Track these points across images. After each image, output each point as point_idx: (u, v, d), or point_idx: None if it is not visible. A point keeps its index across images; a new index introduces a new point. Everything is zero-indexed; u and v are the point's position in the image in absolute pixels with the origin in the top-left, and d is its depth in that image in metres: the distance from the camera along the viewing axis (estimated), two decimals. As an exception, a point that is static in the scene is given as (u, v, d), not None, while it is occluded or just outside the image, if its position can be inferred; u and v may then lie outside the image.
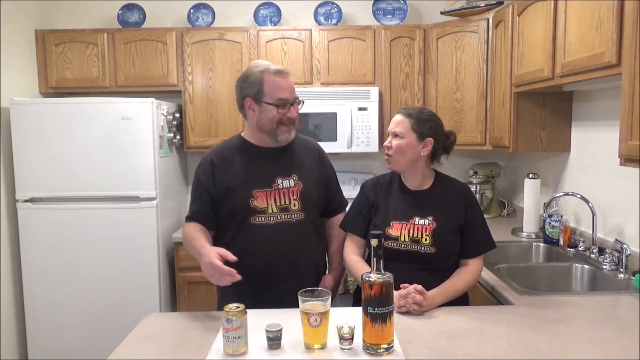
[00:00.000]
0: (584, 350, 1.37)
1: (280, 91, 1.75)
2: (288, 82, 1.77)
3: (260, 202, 1.77)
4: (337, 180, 2.02)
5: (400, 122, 1.76)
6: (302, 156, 1.89)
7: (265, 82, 1.74)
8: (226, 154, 1.84)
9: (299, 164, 1.86)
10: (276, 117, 1.75)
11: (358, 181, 3.41)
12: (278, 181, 1.79)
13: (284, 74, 1.77)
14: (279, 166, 1.82)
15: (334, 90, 3.18)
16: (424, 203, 1.78)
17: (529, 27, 2.40)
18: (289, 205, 1.79)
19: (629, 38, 1.59)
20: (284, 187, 1.79)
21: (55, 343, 2.92)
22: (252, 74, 1.76)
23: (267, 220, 1.77)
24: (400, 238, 1.74)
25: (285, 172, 1.82)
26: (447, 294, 1.68)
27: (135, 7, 3.40)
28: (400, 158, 1.76)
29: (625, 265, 2.03)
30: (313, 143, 1.98)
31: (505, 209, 3.40)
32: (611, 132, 2.25)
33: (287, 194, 1.79)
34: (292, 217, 1.80)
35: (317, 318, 1.36)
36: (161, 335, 1.53)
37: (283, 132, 1.78)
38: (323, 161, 1.95)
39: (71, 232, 2.87)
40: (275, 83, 1.74)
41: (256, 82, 1.75)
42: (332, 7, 3.41)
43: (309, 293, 1.42)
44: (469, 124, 3.10)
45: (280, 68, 1.77)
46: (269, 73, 1.75)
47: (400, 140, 1.75)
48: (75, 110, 2.84)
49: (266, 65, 1.77)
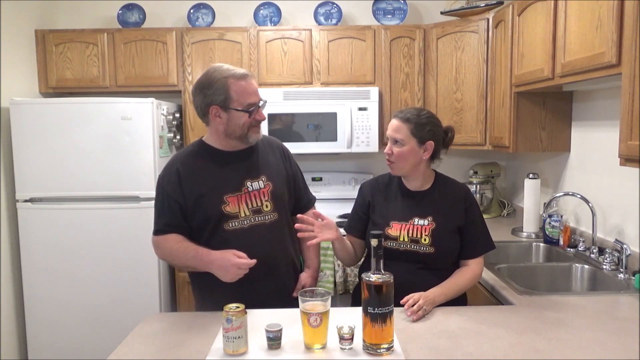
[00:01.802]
0: (583, 350, 1.37)
1: (248, 96, 1.71)
2: (253, 85, 1.74)
3: (232, 207, 1.74)
4: (304, 177, 2.00)
5: (399, 128, 1.74)
6: (268, 156, 1.87)
7: (231, 89, 1.69)
8: (191, 162, 1.78)
9: (266, 164, 1.84)
10: (247, 123, 1.73)
11: (358, 181, 3.41)
12: (247, 184, 1.77)
13: (248, 78, 1.73)
14: (246, 169, 1.79)
15: (334, 90, 3.18)
16: (424, 203, 1.78)
17: (529, 27, 2.40)
18: (262, 207, 1.77)
19: (629, 38, 1.59)
20: (253, 189, 1.77)
21: (55, 343, 2.92)
22: (215, 80, 1.70)
23: (241, 225, 1.75)
24: (400, 238, 1.74)
25: (254, 174, 1.79)
26: (447, 292, 1.68)
27: (135, 7, 3.40)
28: (403, 164, 1.75)
29: (625, 265, 2.03)
30: (276, 142, 1.96)
31: (505, 209, 3.40)
32: (611, 132, 2.25)
33: (257, 196, 1.77)
34: (265, 219, 1.78)
35: (317, 318, 1.36)
36: (161, 335, 1.53)
37: (253, 133, 1.77)
38: (288, 159, 1.93)
39: (71, 232, 2.87)
40: (242, 88, 1.71)
41: (221, 88, 1.69)
42: (332, 7, 3.41)
43: (309, 293, 1.42)
44: (469, 124, 3.10)
45: (243, 72, 1.73)
46: (233, 79, 1.70)
47: (401, 147, 1.73)
48: (75, 110, 2.84)
49: (229, 70, 1.71)
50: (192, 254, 1.70)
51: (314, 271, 1.94)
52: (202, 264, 1.68)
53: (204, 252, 1.68)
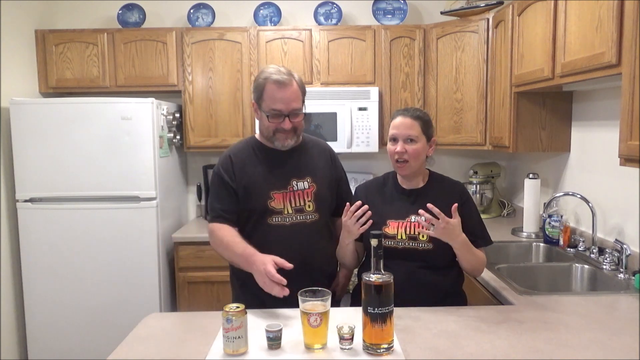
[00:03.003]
0: (583, 350, 1.37)
1: (274, 102, 1.74)
2: (286, 92, 1.74)
3: (277, 203, 1.80)
4: (348, 181, 2.07)
5: (412, 125, 1.75)
6: (315, 158, 1.92)
7: (265, 90, 1.75)
8: (243, 153, 1.86)
9: (312, 166, 1.89)
10: (270, 127, 1.78)
11: (358, 181, 3.41)
12: (293, 183, 1.82)
13: (282, 84, 1.73)
14: (293, 168, 1.85)
15: (334, 90, 3.18)
16: (420, 201, 1.78)
17: (529, 27, 2.40)
18: (304, 207, 1.82)
19: (629, 38, 1.59)
20: (298, 188, 1.82)
21: (55, 343, 2.92)
22: (258, 78, 1.79)
23: (284, 221, 1.80)
24: (398, 236, 1.74)
25: (299, 174, 1.84)
26: (468, 243, 1.68)
27: (135, 7, 3.40)
28: (415, 163, 1.77)
29: (625, 265, 2.03)
30: (325, 145, 2.01)
31: (505, 209, 3.40)
32: (611, 132, 2.25)
33: (301, 196, 1.82)
34: (307, 218, 1.83)
35: (317, 318, 1.36)
36: (161, 335, 1.53)
37: (279, 139, 1.80)
38: (335, 163, 1.99)
39: (71, 232, 2.87)
40: (272, 93, 1.74)
41: (259, 87, 1.78)
42: (332, 7, 3.41)
43: (309, 293, 1.42)
44: (469, 124, 3.10)
45: (282, 78, 1.74)
46: (269, 81, 1.75)
47: (416, 144, 1.75)
48: (75, 110, 2.84)
49: (271, 72, 1.76)
50: (240, 251, 1.71)
51: (347, 272, 1.99)
52: (245, 263, 1.69)
53: (250, 251, 1.69)
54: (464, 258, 1.72)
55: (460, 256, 1.72)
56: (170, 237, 3.05)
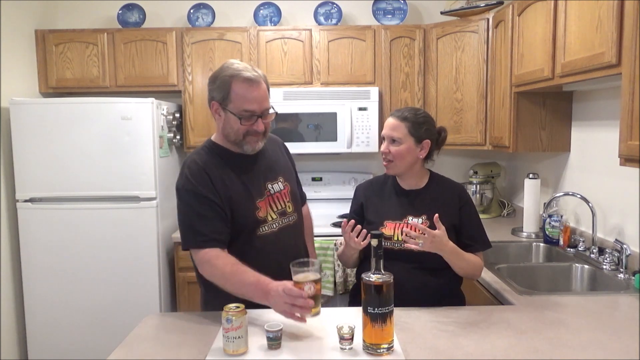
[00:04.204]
0: (583, 350, 1.37)
1: (246, 102, 1.58)
2: (258, 91, 1.59)
3: (263, 212, 1.68)
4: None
5: (396, 126, 1.75)
6: (277, 155, 1.82)
7: (232, 89, 1.58)
8: (213, 165, 1.64)
9: (279, 164, 1.80)
10: (241, 130, 1.61)
11: (358, 181, 3.41)
12: (268, 186, 1.71)
13: (254, 82, 1.58)
14: (263, 170, 1.72)
15: (334, 90, 3.18)
16: (418, 202, 1.78)
17: (529, 27, 2.40)
18: (285, 209, 1.75)
19: (629, 38, 1.59)
20: (275, 191, 1.72)
21: (55, 343, 2.92)
22: (220, 76, 1.60)
23: (272, 229, 1.70)
24: (394, 237, 1.74)
25: (272, 175, 1.74)
26: (456, 251, 1.66)
27: (135, 7, 3.40)
28: (400, 163, 1.76)
29: (625, 265, 2.03)
30: (277, 139, 1.89)
31: (505, 209, 3.40)
32: (611, 132, 2.25)
33: (280, 198, 1.74)
34: (290, 220, 1.77)
35: (311, 286, 1.43)
36: (161, 335, 1.53)
37: (249, 142, 1.64)
38: (288, 154, 1.90)
39: (71, 232, 2.87)
40: (242, 92, 1.57)
41: (223, 86, 1.59)
42: (332, 7, 3.41)
43: (300, 264, 1.49)
44: (469, 124, 3.10)
45: (252, 75, 1.58)
46: (237, 79, 1.57)
47: (399, 146, 1.75)
48: (75, 110, 2.84)
49: (237, 69, 1.59)
50: (252, 280, 1.49)
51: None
52: (261, 293, 1.47)
53: (265, 280, 1.48)
54: (455, 265, 1.70)
55: (451, 264, 1.70)
56: (170, 237, 3.05)
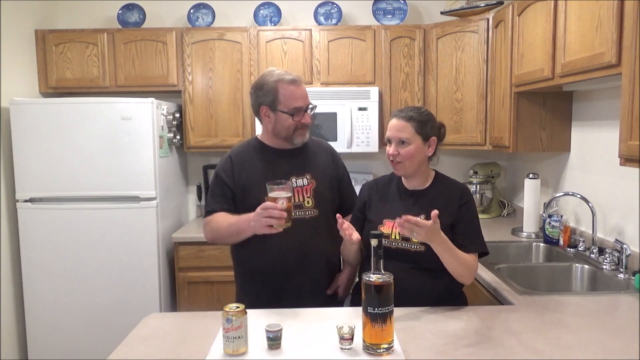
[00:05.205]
0: (584, 350, 1.37)
1: (294, 100, 1.83)
2: (301, 90, 1.85)
3: None
4: (351, 182, 2.10)
5: (403, 127, 1.73)
6: (316, 156, 1.97)
7: (279, 92, 1.82)
8: (244, 154, 1.92)
9: (313, 163, 1.94)
10: (292, 125, 1.84)
11: (358, 181, 3.40)
12: (292, 180, 1.85)
13: (297, 83, 1.84)
14: (293, 166, 1.89)
15: (334, 90, 3.18)
16: (419, 202, 1.77)
17: (529, 27, 2.40)
18: (303, 203, 1.86)
19: (629, 38, 1.59)
20: (297, 185, 1.86)
21: (55, 343, 2.92)
22: (266, 82, 1.84)
23: None
24: (392, 236, 1.73)
25: (299, 171, 1.89)
26: (448, 245, 1.62)
27: (135, 7, 3.40)
28: (410, 164, 1.75)
29: (625, 265, 2.03)
30: (326, 144, 2.08)
31: (505, 209, 3.40)
32: (611, 132, 2.25)
33: (300, 192, 1.87)
34: (306, 214, 1.86)
35: (284, 202, 1.59)
36: (161, 335, 1.53)
37: (298, 135, 1.87)
38: (336, 162, 2.04)
39: (71, 232, 2.87)
40: (290, 92, 1.82)
41: (271, 91, 1.83)
42: (332, 7, 3.41)
43: (275, 183, 1.64)
44: (469, 124, 3.10)
45: (294, 77, 1.85)
46: (283, 82, 1.82)
47: (409, 146, 1.73)
48: (75, 110, 2.84)
49: (280, 75, 1.84)
50: (234, 219, 1.78)
51: (351, 271, 1.97)
52: (244, 224, 1.72)
53: (246, 214, 1.74)
54: (444, 259, 1.64)
55: (440, 256, 1.64)
56: (170, 237, 3.05)
